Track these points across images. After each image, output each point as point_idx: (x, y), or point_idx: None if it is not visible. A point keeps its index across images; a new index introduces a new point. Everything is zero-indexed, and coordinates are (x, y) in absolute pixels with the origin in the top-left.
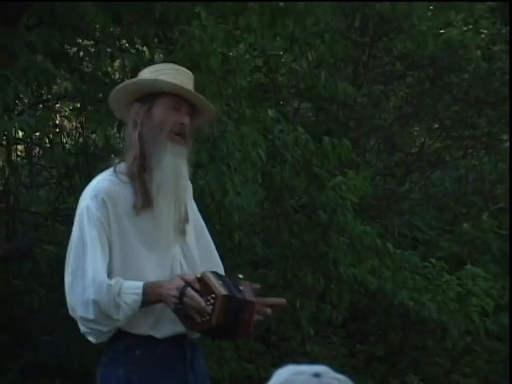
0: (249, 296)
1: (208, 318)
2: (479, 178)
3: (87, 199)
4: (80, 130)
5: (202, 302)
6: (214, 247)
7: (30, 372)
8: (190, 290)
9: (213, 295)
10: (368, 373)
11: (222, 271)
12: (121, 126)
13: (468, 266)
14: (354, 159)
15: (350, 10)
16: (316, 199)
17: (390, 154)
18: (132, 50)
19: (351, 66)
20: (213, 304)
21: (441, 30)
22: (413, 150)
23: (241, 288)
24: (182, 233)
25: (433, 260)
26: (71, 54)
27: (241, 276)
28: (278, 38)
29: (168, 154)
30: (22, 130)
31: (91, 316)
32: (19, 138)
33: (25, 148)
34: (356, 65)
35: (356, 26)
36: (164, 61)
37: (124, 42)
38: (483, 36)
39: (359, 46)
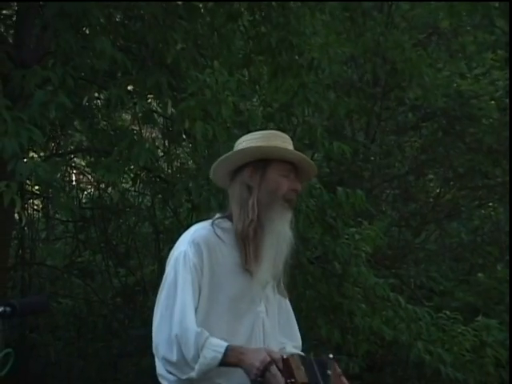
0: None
1: None
2: (495, 228)
3: (185, 245)
4: (95, 183)
5: (283, 383)
6: (294, 317)
7: None
8: (274, 369)
9: (293, 380)
10: None
11: (299, 341)
12: (136, 179)
13: (480, 318)
14: (369, 209)
15: (361, 61)
16: (330, 250)
17: (404, 204)
18: (143, 99)
19: (364, 117)
20: None
21: (453, 81)
22: (428, 200)
23: (328, 372)
24: (270, 293)
25: (447, 312)
26: (84, 104)
27: (331, 356)
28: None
29: (280, 220)
30: (29, 180)
31: (173, 358)
32: (35, 193)
33: (41, 202)
34: (369, 116)
35: (368, 78)
36: (174, 108)
37: (134, 89)
38: (496, 86)
39: (371, 98)
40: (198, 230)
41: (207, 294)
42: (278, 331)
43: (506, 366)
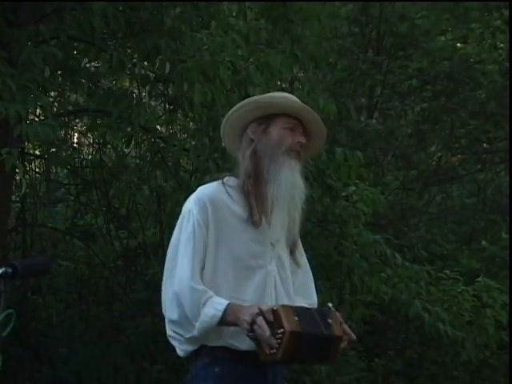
0: (337, 331)
1: (274, 351)
2: (497, 191)
3: (191, 203)
4: (96, 145)
5: (268, 332)
6: (311, 277)
7: None
8: (261, 320)
9: (282, 329)
10: None
11: (313, 299)
12: (129, 141)
13: (481, 279)
14: (369, 174)
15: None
16: (329, 211)
17: (407, 169)
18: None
19: (368, 85)
20: (280, 338)
21: (458, 44)
22: (430, 165)
23: (330, 321)
24: (282, 251)
25: (448, 272)
26: (82, 66)
27: (330, 305)
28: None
29: (285, 168)
30: (27, 137)
31: (175, 316)
32: (36, 155)
33: (42, 164)
34: (372, 85)
35: (372, 44)
36: (173, 71)
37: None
38: (500, 51)
39: (376, 65)
40: (204, 188)
41: (214, 250)
42: (292, 291)
43: (506, 327)
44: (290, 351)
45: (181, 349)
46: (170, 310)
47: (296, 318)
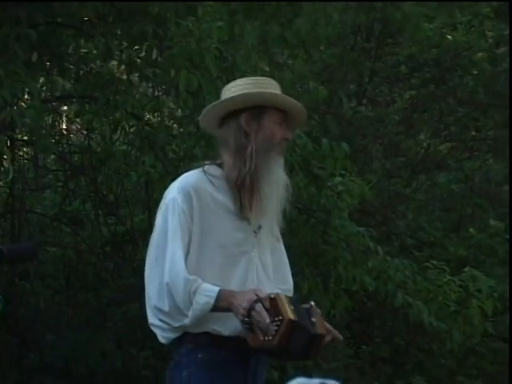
0: (320, 329)
1: (271, 338)
2: (485, 179)
3: (174, 192)
4: (84, 131)
5: (268, 319)
6: (287, 263)
7: (35, 373)
8: (259, 306)
9: (280, 317)
10: (373, 374)
11: (291, 288)
12: (116, 127)
13: (467, 269)
14: (353, 167)
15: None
16: (314, 201)
17: (395, 156)
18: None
19: (357, 71)
20: (278, 326)
21: (445, 31)
22: (418, 153)
23: (313, 320)
24: (264, 238)
25: (434, 262)
26: (69, 51)
27: (312, 303)
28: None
29: (276, 167)
30: (11, 119)
31: (165, 307)
32: (24, 140)
33: (30, 150)
34: (361, 71)
35: (361, 30)
36: (160, 57)
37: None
38: (489, 39)
39: (365, 51)
40: (187, 177)
41: (198, 239)
42: (272, 275)
43: (490, 316)
44: (286, 339)
45: (163, 336)
46: (159, 300)
47: (292, 308)
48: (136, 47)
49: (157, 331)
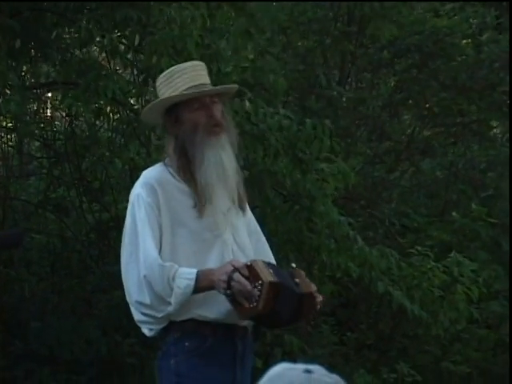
0: (306, 288)
1: (255, 304)
2: (469, 165)
3: (138, 188)
4: (67, 118)
5: (249, 286)
6: (267, 245)
7: (20, 360)
8: (237, 275)
9: (260, 281)
10: (358, 361)
11: (271, 259)
12: (99, 113)
13: (453, 254)
14: (340, 147)
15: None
16: (300, 186)
17: (379, 142)
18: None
19: (339, 55)
20: (260, 290)
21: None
22: (402, 138)
23: (297, 281)
24: (235, 219)
25: (419, 247)
26: (52, 37)
27: (293, 265)
28: None
29: (209, 150)
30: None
31: (147, 300)
32: (9, 128)
33: (15, 137)
34: (343, 54)
35: (343, 15)
36: (143, 43)
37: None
38: (472, 25)
39: (346, 36)
40: (149, 172)
41: (169, 229)
42: (252, 255)
43: (476, 302)
44: (270, 302)
45: (150, 329)
46: (139, 294)
47: (271, 271)
48: (118, 33)
49: (143, 326)
